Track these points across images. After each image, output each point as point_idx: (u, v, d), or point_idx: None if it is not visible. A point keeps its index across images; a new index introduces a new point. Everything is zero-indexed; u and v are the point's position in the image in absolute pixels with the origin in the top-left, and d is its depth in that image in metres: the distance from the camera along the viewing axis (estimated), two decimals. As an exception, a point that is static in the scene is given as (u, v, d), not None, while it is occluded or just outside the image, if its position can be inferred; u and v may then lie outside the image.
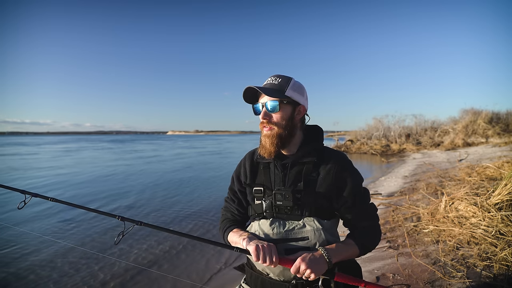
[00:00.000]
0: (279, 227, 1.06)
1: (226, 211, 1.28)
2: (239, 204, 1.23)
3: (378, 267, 2.45)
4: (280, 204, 1.08)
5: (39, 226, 4.63)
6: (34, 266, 3.27)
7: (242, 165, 1.24)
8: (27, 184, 8.70)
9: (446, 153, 12.52)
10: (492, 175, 4.53)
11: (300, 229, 1.05)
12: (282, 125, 1.09)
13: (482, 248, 2.31)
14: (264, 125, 1.10)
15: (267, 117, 1.09)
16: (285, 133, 1.09)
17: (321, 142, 1.18)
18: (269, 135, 1.09)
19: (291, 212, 1.07)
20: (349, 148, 19.21)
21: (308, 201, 1.07)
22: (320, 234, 1.04)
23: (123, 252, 3.63)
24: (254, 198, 1.16)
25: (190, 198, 6.67)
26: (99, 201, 6.50)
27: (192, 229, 4.58)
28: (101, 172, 11.26)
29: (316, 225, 1.05)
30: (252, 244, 0.99)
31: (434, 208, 3.33)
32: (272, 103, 1.07)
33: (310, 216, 1.06)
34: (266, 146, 1.10)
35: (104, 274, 3.06)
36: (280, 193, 1.07)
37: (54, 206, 5.10)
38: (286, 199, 1.06)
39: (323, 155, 1.13)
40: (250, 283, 1.17)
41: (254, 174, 1.19)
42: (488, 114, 16.42)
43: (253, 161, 1.22)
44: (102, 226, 4.57)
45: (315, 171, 1.10)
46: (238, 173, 1.24)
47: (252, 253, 0.97)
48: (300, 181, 1.09)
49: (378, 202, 4.77)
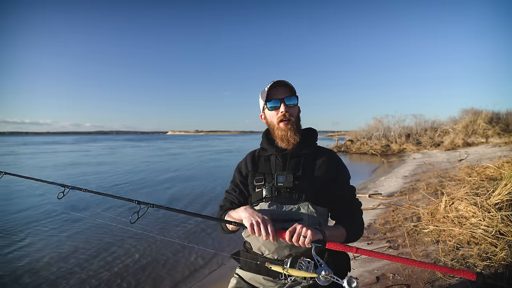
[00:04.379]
0: (277, 209, 1.15)
1: (225, 201, 1.35)
2: (240, 194, 1.31)
3: (378, 267, 2.45)
4: (281, 186, 1.17)
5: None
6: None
7: (244, 161, 1.36)
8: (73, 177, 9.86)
9: (446, 153, 12.52)
10: (492, 175, 4.52)
11: (296, 211, 1.15)
12: (297, 119, 1.26)
13: (482, 248, 2.31)
14: (284, 117, 1.21)
15: (288, 110, 1.22)
16: (298, 126, 1.26)
17: (315, 140, 1.32)
18: (290, 127, 1.21)
19: (289, 195, 1.17)
20: (349, 148, 19.17)
21: (305, 187, 1.18)
22: (314, 217, 1.14)
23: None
24: (254, 187, 1.25)
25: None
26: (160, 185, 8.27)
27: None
28: (155, 167, 13.08)
29: (310, 209, 1.14)
30: (247, 218, 1.06)
31: (434, 208, 3.32)
32: (293, 99, 1.23)
33: (306, 201, 1.16)
34: (289, 137, 1.21)
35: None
36: (282, 174, 1.18)
37: (92, 197, 5.61)
38: (287, 180, 1.17)
39: (318, 150, 1.29)
40: (245, 268, 1.23)
41: (256, 165, 1.31)
42: (488, 114, 16.41)
43: (254, 156, 1.34)
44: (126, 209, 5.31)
45: (312, 162, 1.24)
46: (240, 167, 1.36)
47: (248, 227, 1.04)
48: (299, 169, 1.21)
49: (378, 202, 4.77)
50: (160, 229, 4.38)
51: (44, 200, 6.05)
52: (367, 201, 5.10)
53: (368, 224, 3.74)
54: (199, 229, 4.36)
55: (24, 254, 3.54)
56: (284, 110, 1.20)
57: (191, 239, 4.04)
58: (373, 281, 2.22)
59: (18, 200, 6.44)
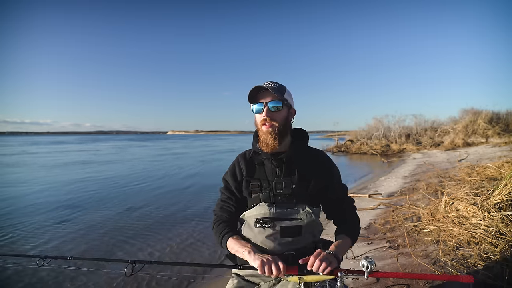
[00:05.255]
0: (276, 209, 1.18)
1: (221, 212, 1.29)
2: (236, 201, 1.29)
3: (378, 267, 2.45)
4: (280, 192, 1.19)
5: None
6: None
7: (237, 165, 1.32)
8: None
9: (446, 153, 12.52)
10: (492, 175, 4.53)
11: (294, 212, 1.18)
12: (282, 123, 1.21)
13: (482, 248, 2.31)
14: (266, 122, 1.19)
15: (270, 115, 1.19)
16: (283, 130, 1.21)
17: (306, 142, 1.31)
18: (270, 131, 1.18)
19: (287, 200, 1.19)
20: (349, 148, 19.15)
21: (302, 192, 1.20)
22: (311, 216, 1.18)
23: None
24: (250, 193, 1.24)
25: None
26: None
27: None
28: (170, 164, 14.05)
29: (307, 209, 1.18)
30: (257, 259, 1.04)
31: (434, 208, 3.32)
32: (276, 102, 1.19)
33: (303, 203, 1.19)
34: (268, 141, 1.19)
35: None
36: (280, 182, 1.20)
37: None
38: (286, 187, 1.19)
39: (310, 153, 1.30)
40: (242, 267, 1.22)
41: (250, 170, 1.28)
42: (488, 114, 16.41)
43: (247, 159, 1.31)
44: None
45: (306, 166, 1.25)
46: (233, 173, 1.30)
47: (258, 268, 1.01)
48: (294, 174, 1.22)
49: (378, 202, 4.77)
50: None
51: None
52: (367, 201, 5.10)
53: (368, 224, 3.74)
54: (189, 242, 3.91)
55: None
56: (265, 114, 1.18)
57: (184, 256, 3.53)
58: (373, 281, 2.22)
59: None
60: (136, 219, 4.93)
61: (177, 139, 74.97)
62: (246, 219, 1.23)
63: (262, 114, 1.20)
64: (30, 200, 6.51)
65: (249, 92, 1.21)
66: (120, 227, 4.55)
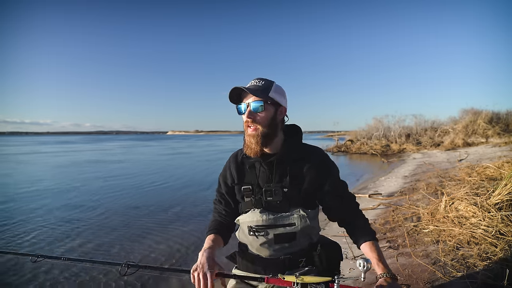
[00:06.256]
0: (269, 215, 1.15)
1: (215, 212, 1.34)
2: (226, 205, 1.29)
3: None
4: (271, 200, 1.15)
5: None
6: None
7: (228, 168, 1.29)
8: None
9: (446, 153, 12.52)
10: (492, 175, 4.52)
11: (287, 217, 1.14)
12: (266, 125, 1.13)
13: (482, 248, 2.30)
14: (249, 125, 1.13)
15: (252, 117, 1.12)
16: (269, 132, 1.13)
17: (300, 140, 1.24)
18: (253, 134, 1.12)
19: (280, 204, 1.15)
20: (349, 148, 19.17)
21: (295, 195, 1.15)
22: (306, 221, 1.13)
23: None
24: (243, 196, 1.22)
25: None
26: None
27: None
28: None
29: (301, 213, 1.14)
30: (195, 264, 1.04)
31: (434, 208, 3.32)
32: (257, 103, 1.11)
33: (297, 207, 1.15)
34: (251, 145, 1.13)
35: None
36: (270, 189, 1.15)
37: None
38: (276, 195, 1.14)
39: (304, 151, 1.21)
40: (242, 269, 1.25)
41: (241, 174, 1.24)
42: (488, 114, 16.41)
43: (237, 162, 1.26)
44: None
45: (299, 166, 1.18)
46: (224, 177, 1.29)
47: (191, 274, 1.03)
48: (286, 177, 1.16)
49: (378, 202, 4.77)
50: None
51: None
52: (367, 201, 5.10)
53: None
54: (184, 247, 3.80)
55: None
56: (247, 116, 1.12)
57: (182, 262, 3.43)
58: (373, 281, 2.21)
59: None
60: (175, 216, 5.22)
61: (180, 139, 75.65)
62: (240, 225, 1.23)
63: (245, 115, 1.13)
64: (64, 197, 6.82)
65: (228, 94, 1.13)
66: (156, 223, 4.77)
